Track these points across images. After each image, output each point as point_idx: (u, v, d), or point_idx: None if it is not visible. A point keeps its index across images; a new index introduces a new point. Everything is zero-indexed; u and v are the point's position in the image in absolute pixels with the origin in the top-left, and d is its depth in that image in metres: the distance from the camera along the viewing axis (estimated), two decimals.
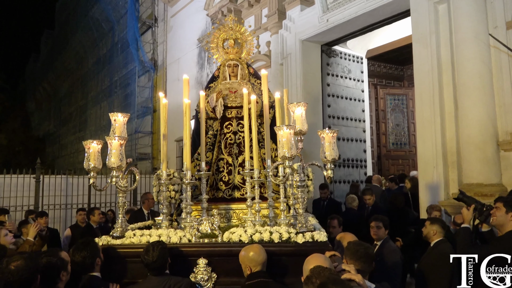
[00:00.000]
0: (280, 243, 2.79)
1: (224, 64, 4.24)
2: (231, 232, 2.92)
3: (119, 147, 3.00)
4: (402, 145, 10.74)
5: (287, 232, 2.84)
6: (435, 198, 4.96)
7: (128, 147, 13.62)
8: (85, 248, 2.65)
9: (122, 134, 3.21)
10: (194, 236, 2.96)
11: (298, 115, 3.16)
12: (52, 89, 25.88)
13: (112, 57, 15.21)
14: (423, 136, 5.24)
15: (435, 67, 5.11)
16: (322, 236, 2.80)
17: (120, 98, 14.61)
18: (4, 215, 4.77)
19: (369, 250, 2.43)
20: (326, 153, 3.05)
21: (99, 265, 2.70)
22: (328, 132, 3.07)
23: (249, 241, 2.81)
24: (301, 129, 3.16)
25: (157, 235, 2.97)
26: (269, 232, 2.84)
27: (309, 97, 7.41)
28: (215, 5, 9.27)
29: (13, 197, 8.23)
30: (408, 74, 11.67)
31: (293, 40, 7.50)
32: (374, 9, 6.16)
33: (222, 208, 3.73)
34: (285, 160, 2.85)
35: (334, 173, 3.08)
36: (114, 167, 2.98)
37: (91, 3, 16.46)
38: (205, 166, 3.36)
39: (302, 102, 3.30)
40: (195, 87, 10.76)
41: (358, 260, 2.37)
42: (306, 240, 2.78)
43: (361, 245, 2.46)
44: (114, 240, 3.06)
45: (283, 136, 2.85)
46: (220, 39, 4.29)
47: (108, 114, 3.40)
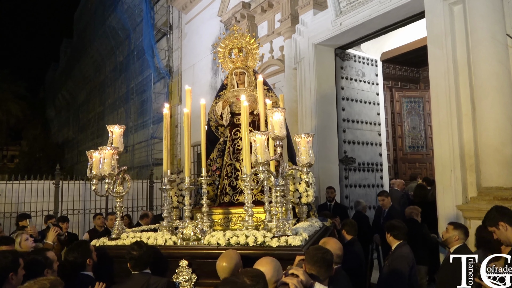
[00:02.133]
0: (254, 247, 2.88)
1: (231, 73, 4.40)
2: (211, 236, 3.07)
3: (111, 156, 3.27)
4: (418, 148, 10.58)
5: (263, 236, 2.92)
6: (453, 202, 4.87)
7: (144, 152, 13.81)
8: (76, 249, 2.94)
9: (119, 144, 3.54)
10: (179, 239, 3.14)
11: (276, 121, 3.17)
12: (70, 96, 26.52)
13: (128, 65, 15.51)
14: (440, 139, 5.15)
15: (451, 68, 5.03)
16: (296, 240, 2.84)
17: (137, 105, 14.86)
18: (25, 220, 4.91)
19: (326, 255, 2.43)
20: (302, 157, 3.10)
21: (91, 265, 2.94)
22: (304, 137, 3.13)
23: (226, 244, 2.94)
24: (278, 135, 3.17)
25: (146, 238, 3.22)
26: (245, 236, 2.95)
27: (323, 101, 7.39)
28: (228, 11, 9.36)
29: (33, 202, 8.44)
30: (424, 76, 11.51)
31: (306, 44, 7.50)
32: (388, 11, 6.11)
33: (222, 213, 3.89)
34: (258, 166, 2.92)
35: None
36: (105, 175, 3.23)
37: (108, 12, 16.83)
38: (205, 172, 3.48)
39: (279, 108, 3.31)
40: (209, 92, 10.86)
41: (314, 265, 2.39)
42: (280, 244, 2.84)
43: (319, 250, 2.48)
44: (109, 241, 3.33)
45: (257, 141, 2.92)
46: (227, 49, 4.45)
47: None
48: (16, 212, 7.75)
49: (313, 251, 2.47)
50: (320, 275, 2.37)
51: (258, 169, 2.95)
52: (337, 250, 2.89)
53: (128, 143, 15.15)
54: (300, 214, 3.98)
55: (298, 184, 3.93)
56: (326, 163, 7.26)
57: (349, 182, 7.50)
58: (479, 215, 4.15)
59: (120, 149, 3.55)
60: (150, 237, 3.23)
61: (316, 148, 7.22)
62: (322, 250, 2.48)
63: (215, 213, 3.92)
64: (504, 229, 2.83)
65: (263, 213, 3.44)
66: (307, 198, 3.94)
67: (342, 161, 7.53)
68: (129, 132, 15.06)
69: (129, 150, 14.95)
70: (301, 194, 3.90)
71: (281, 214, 3.05)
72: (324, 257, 2.41)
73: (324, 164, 7.21)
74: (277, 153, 3.22)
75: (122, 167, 3.49)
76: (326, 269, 2.39)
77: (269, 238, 2.90)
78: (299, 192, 3.91)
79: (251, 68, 4.48)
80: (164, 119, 3.81)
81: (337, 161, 7.47)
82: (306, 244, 2.92)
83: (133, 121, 14.84)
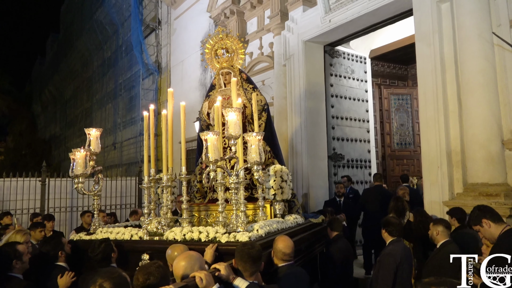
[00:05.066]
0: (204, 242, 3.02)
1: (218, 73, 4.51)
2: (170, 231, 3.25)
3: (84, 157, 3.61)
4: (406, 145, 10.68)
5: (215, 232, 3.05)
6: (440, 198, 4.93)
7: (133, 149, 13.68)
8: (49, 243, 3.30)
9: (96, 146, 3.86)
10: (145, 235, 3.36)
11: (231, 120, 3.22)
12: (57, 91, 26.09)
13: (116, 60, 15.31)
14: (427, 136, 5.21)
15: (438, 66, 5.08)
16: (244, 236, 2.94)
17: (125, 101, 14.70)
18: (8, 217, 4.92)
19: (252, 251, 2.52)
20: (252, 155, 3.17)
21: (63, 257, 3.24)
22: (254, 135, 3.19)
23: (182, 240, 3.11)
24: (232, 134, 3.22)
25: (116, 233, 3.50)
26: (199, 232, 3.10)
27: (312, 98, 7.41)
28: (217, 7, 9.29)
29: (19, 200, 8.30)
30: (412, 74, 11.61)
31: (295, 41, 7.49)
32: (377, 8, 6.14)
33: (203, 209, 4.08)
34: (210, 164, 3.08)
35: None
36: (78, 174, 3.56)
37: (96, 6, 16.58)
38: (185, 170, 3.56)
39: (236, 108, 3.37)
40: (198, 89, 10.80)
41: (240, 260, 2.50)
42: (229, 240, 2.96)
43: (246, 246, 2.58)
44: (85, 236, 3.66)
45: (208, 141, 3.05)
46: (213, 50, 4.57)
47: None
48: (1, 210, 7.61)
49: (241, 246, 2.58)
50: (245, 270, 2.47)
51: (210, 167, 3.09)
52: (285, 248, 2.94)
53: (116, 139, 15.00)
54: (276, 211, 4.00)
55: (272, 181, 3.96)
56: (315, 159, 7.29)
57: (338, 179, 7.54)
58: (465, 210, 4.22)
59: (97, 151, 3.87)
60: (120, 232, 3.49)
61: (305, 144, 7.24)
62: (248, 245, 2.57)
63: (197, 209, 4.12)
64: (488, 225, 2.88)
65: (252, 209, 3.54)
66: (282, 195, 3.96)
67: (331, 158, 7.57)
68: (118, 128, 14.90)
69: (118, 146, 14.80)
70: (276, 192, 3.95)
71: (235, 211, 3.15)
72: (249, 252, 2.49)
73: (313, 160, 7.24)
74: (232, 152, 3.27)
75: (98, 167, 3.79)
76: (251, 264, 2.48)
77: (220, 234, 3.02)
78: (273, 189, 3.95)
79: (237, 68, 4.58)
80: (145, 121, 3.99)
81: (326, 158, 7.51)
82: (259, 240, 3.03)
83: (122, 118, 14.69)
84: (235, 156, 3.27)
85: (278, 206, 4.00)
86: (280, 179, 3.98)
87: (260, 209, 3.80)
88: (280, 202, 4.02)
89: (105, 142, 16.34)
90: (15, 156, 26.85)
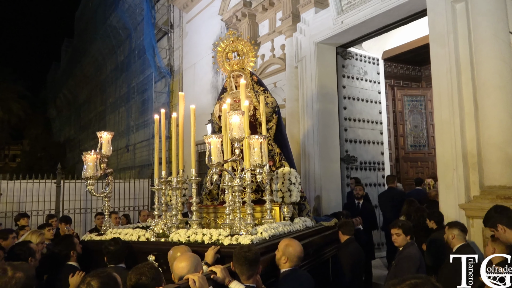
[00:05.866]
0: (207, 244, 3.03)
1: (229, 76, 4.55)
2: (176, 233, 3.29)
3: (94, 160, 3.66)
4: (420, 147, 10.54)
5: (218, 234, 3.05)
6: (456, 201, 4.84)
7: (146, 151, 13.81)
8: (60, 243, 3.40)
9: (107, 149, 3.92)
10: (152, 236, 3.42)
11: (234, 123, 3.21)
12: (72, 96, 26.51)
13: (129, 64, 15.49)
14: (442, 138, 5.12)
15: (453, 67, 4.99)
16: (246, 239, 2.94)
17: (138, 104, 14.84)
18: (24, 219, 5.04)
19: (248, 254, 2.50)
20: (254, 158, 3.15)
21: (75, 256, 3.30)
22: (257, 138, 3.17)
23: (186, 241, 3.14)
24: (235, 136, 3.21)
25: (125, 234, 3.56)
26: (202, 234, 3.10)
27: (325, 100, 7.36)
28: (229, 10, 9.33)
29: (35, 201, 8.45)
30: (426, 75, 11.47)
31: (307, 42, 7.47)
32: (390, 9, 6.08)
33: (212, 211, 4.12)
34: (212, 167, 3.11)
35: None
36: (89, 177, 3.63)
37: (109, 11, 16.80)
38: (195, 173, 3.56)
39: (239, 111, 3.35)
40: (210, 91, 10.84)
41: (237, 263, 2.50)
42: (231, 242, 2.94)
43: (243, 249, 2.56)
44: (96, 236, 3.72)
45: (211, 144, 3.06)
46: (224, 53, 4.61)
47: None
48: (18, 211, 7.76)
49: (238, 250, 2.57)
50: (242, 274, 2.47)
51: (212, 170, 3.12)
52: (298, 253, 2.92)
53: (129, 142, 15.15)
54: (285, 214, 3.96)
55: (281, 183, 3.94)
56: (328, 162, 7.24)
57: (350, 181, 7.47)
58: (482, 214, 4.10)
59: (108, 153, 3.93)
60: (127, 233, 3.56)
61: (318, 147, 7.20)
62: (244, 248, 2.56)
63: (206, 211, 4.17)
64: (503, 231, 2.82)
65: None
66: (290, 198, 3.92)
67: (343, 160, 7.51)
68: (131, 131, 15.06)
69: (131, 149, 14.94)
70: (284, 194, 3.92)
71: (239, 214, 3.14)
72: (245, 255, 2.48)
73: (325, 163, 7.19)
74: (235, 154, 3.26)
75: (108, 169, 3.85)
76: (247, 267, 2.47)
77: (223, 237, 3.01)
78: (281, 192, 3.93)
79: (248, 70, 4.60)
80: (155, 124, 4.03)
81: (339, 160, 7.45)
82: (262, 243, 3.02)
83: (134, 120, 14.83)
84: (239, 158, 3.26)
85: (286, 209, 3.96)
86: (288, 181, 3.94)
87: (268, 211, 3.76)
88: (289, 204, 3.97)
89: (118, 145, 16.53)
90: (31, 159, 27.35)
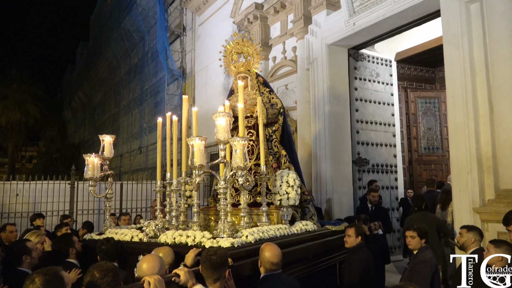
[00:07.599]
0: (190, 246, 3.04)
1: (236, 78, 4.57)
2: (164, 234, 3.34)
3: (94, 162, 3.81)
4: (434, 149, 10.39)
5: (202, 236, 3.06)
6: (470, 204, 4.76)
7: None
8: (59, 241, 3.51)
9: (109, 152, 4.03)
10: (145, 237, 3.48)
11: (220, 125, 3.20)
12: (86, 98, 26.92)
13: (143, 66, 15.67)
14: (456, 140, 5.04)
15: (467, 69, 4.92)
16: (226, 242, 2.95)
17: (151, 106, 15.00)
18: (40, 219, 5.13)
19: (214, 257, 2.47)
20: (236, 160, 3.15)
21: (74, 254, 3.37)
22: (239, 140, 3.17)
23: (172, 243, 3.16)
24: (220, 139, 3.19)
25: (121, 233, 3.64)
26: (186, 236, 3.10)
27: (336, 102, 7.33)
28: (241, 13, 9.37)
29: (49, 202, 8.61)
30: (440, 76, 11.31)
31: (319, 44, 7.45)
32: (403, 10, 6.02)
33: (213, 213, 4.12)
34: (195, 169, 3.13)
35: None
36: (89, 178, 3.81)
37: (123, 15, 17.04)
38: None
39: (224, 112, 3.34)
40: (222, 93, 10.89)
41: (202, 266, 2.49)
42: (213, 245, 2.95)
43: (209, 251, 2.53)
44: (96, 236, 3.81)
45: (194, 146, 3.07)
46: (230, 55, 4.63)
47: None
48: (33, 211, 7.91)
49: (204, 252, 2.56)
50: (208, 277, 2.47)
51: (195, 172, 3.12)
52: (272, 258, 2.87)
53: (142, 144, 15.32)
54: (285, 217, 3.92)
55: (278, 186, 3.91)
56: (339, 164, 7.20)
57: (362, 184, 7.42)
58: (497, 218, 4.06)
59: (110, 156, 4.04)
60: (122, 233, 3.64)
61: (329, 149, 7.16)
62: (211, 252, 2.52)
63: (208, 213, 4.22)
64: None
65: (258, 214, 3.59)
66: (288, 201, 3.89)
67: (355, 163, 7.45)
68: (143, 133, 15.22)
69: (143, 151, 15.09)
70: (282, 197, 3.89)
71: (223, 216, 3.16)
72: (210, 259, 2.46)
73: (337, 165, 7.14)
74: (221, 157, 3.26)
75: (109, 171, 3.96)
76: (212, 271, 2.45)
77: (206, 239, 3.02)
78: (279, 194, 3.90)
79: (254, 72, 4.61)
80: (158, 127, 4.14)
81: (351, 163, 7.40)
82: (244, 246, 3.03)
83: (147, 122, 14.98)
84: (224, 161, 3.28)
85: (284, 212, 3.91)
86: (286, 184, 3.91)
87: (264, 214, 3.73)
88: (287, 207, 3.92)
89: (131, 147, 16.72)
90: (47, 160, 27.88)
